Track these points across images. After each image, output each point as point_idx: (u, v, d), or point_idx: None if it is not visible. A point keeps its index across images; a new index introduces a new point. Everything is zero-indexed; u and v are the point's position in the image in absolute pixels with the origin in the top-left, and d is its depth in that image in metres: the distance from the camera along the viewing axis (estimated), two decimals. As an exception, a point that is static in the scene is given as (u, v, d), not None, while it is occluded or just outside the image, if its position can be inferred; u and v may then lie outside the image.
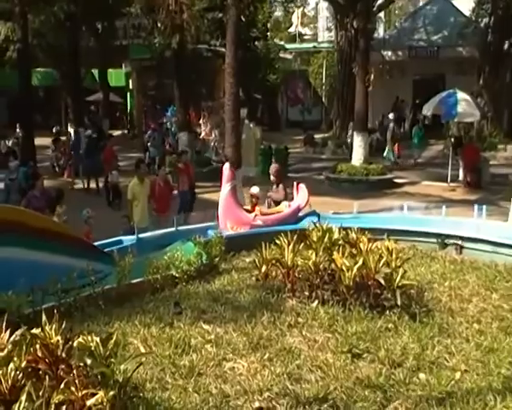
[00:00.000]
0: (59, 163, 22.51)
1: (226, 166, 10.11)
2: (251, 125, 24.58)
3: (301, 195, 10.55)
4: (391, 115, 25.07)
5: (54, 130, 24.44)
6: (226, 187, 9.87)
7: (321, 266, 6.65)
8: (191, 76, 26.87)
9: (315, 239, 7.18)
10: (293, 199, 10.68)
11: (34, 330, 4.02)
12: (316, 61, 38.72)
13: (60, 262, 6.84)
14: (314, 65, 38.89)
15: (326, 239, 7.15)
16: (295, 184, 10.93)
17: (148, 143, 24.24)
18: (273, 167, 11.76)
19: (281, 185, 11.13)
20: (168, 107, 31.87)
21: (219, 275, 7.64)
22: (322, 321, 5.94)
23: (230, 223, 9.64)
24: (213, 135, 26.00)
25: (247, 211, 10.23)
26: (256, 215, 9.94)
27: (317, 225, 7.70)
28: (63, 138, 24.13)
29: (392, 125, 24.20)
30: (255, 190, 10.80)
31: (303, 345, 5.45)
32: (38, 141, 22.74)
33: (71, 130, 26.48)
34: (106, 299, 6.55)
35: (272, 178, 11.31)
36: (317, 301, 6.42)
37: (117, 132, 31.83)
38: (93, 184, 19.54)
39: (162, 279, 7.20)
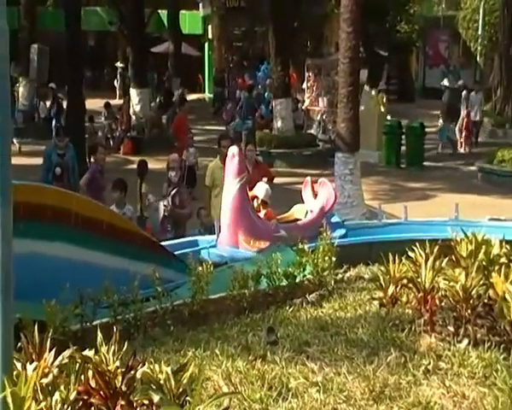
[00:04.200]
0: (113, 134, 23.35)
1: (233, 150, 9.41)
2: (373, 93, 24.48)
3: (324, 195, 10.39)
4: None
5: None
6: (235, 183, 9.20)
7: (473, 291, 6.51)
8: (292, 23, 27.03)
9: (464, 254, 7.03)
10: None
11: (87, 352, 4.12)
12: (469, 4, 37.87)
13: (117, 266, 7.12)
14: (467, 9, 38.05)
15: (481, 255, 6.98)
16: (308, 180, 10.65)
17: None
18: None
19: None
20: (260, 64, 32.29)
21: (328, 295, 7.65)
22: (473, 369, 5.76)
23: (244, 235, 9.22)
24: (321, 104, 26.11)
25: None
26: (277, 223, 9.75)
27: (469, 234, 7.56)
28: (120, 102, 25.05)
29: None
30: (262, 189, 10.23)
31: (446, 400, 5.34)
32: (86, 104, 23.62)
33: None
34: (176, 318, 6.69)
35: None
36: (466, 341, 6.27)
37: (191, 96, 32.57)
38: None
39: (251, 296, 7.29)
